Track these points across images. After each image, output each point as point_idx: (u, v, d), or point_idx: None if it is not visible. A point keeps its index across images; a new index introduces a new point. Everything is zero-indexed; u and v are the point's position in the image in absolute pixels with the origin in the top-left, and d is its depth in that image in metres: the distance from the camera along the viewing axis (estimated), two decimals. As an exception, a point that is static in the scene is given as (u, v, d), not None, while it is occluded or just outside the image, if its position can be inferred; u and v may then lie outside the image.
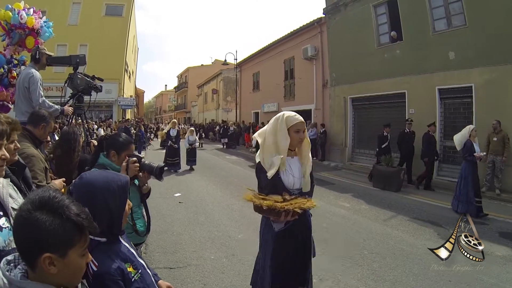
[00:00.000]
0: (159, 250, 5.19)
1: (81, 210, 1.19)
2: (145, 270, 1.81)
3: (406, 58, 12.51)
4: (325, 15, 17.01)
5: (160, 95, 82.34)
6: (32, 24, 5.60)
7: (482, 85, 9.98)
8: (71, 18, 27.09)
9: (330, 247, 5.38)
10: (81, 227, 1.16)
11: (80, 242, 1.17)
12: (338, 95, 16.18)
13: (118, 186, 1.68)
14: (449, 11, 11.03)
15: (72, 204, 1.17)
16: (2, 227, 1.55)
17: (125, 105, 29.97)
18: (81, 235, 1.17)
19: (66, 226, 1.12)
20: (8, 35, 5.78)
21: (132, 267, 1.68)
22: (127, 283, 1.61)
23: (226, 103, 37.36)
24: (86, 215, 1.19)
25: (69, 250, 1.13)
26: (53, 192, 1.19)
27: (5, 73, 5.72)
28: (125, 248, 1.75)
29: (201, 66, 54.57)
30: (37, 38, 5.76)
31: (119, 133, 3.04)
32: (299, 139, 2.76)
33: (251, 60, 27.22)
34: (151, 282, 1.80)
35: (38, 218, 1.09)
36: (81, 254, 1.19)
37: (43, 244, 1.08)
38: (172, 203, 8.10)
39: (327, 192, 9.57)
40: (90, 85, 5.13)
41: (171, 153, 13.26)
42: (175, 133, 13.54)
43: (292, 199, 2.58)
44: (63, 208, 1.13)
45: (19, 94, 4.59)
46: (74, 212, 1.14)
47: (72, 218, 1.13)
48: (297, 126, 2.74)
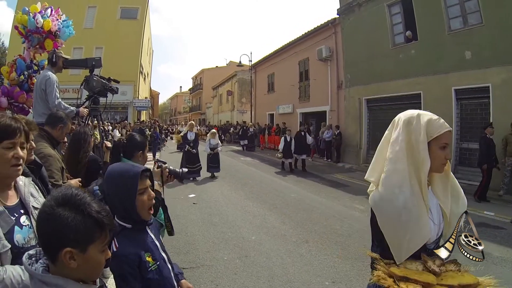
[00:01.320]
0: (172, 250, 5.22)
1: (102, 208, 1.23)
2: (165, 264, 1.87)
3: (421, 58, 12.35)
4: (339, 16, 16.95)
5: (175, 96, 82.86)
6: (49, 27, 5.71)
7: (500, 85, 9.79)
8: (87, 22, 27.54)
9: (344, 250, 5.35)
10: (102, 224, 1.19)
11: (100, 238, 1.20)
12: (353, 96, 16.08)
13: (130, 175, 1.79)
14: (465, 9, 10.85)
15: (93, 202, 1.22)
16: (22, 225, 1.59)
17: (140, 106, 30.30)
18: (101, 232, 1.20)
19: (87, 222, 1.16)
20: (26, 38, 5.91)
21: (151, 257, 1.75)
22: (142, 270, 1.69)
23: (241, 105, 37.45)
24: (107, 213, 1.24)
25: (89, 246, 1.17)
26: (76, 190, 1.24)
27: (25, 79, 5.86)
28: (150, 239, 1.85)
29: (215, 67, 54.79)
30: (55, 40, 5.88)
31: (135, 134, 3.08)
32: (444, 159, 1.71)
33: (265, 61, 27.23)
34: (169, 277, 1.86)
35: (61, 214, 1.14)
36: (101, 250, 1.22)
37: (65, 239, 1.13)
38: (186, 204, 8.15)
39: (341, 194, 9.51)
40: (106, 87, 5.19)
41: (190, 159, 11.68)
42: (193, 136, 11.89)
43: (441, 268, 1.69)
44: (84, 205, 1.18)
45: (37, 96, 4.71)
46: (95, 210, 1.19)
47: (93, 215, 1.17)
48: (445, 137, 1.69)
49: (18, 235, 1.54)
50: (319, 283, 4.24)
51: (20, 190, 1.69)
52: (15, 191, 1.68)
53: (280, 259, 4.97)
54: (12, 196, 1.65)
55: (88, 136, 3.65)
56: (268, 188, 10.15)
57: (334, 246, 5.52)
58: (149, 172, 1.92)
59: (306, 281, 4.29)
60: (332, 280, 4.31)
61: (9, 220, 1.52)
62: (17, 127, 1.60)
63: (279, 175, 13.01)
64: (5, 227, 1.49)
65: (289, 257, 5.04)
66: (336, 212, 7.54)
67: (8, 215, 1.53)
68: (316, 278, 4.38)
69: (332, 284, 4.22)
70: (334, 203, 8.48)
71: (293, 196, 9.09)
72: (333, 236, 5.99)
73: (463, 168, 11.06)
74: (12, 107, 5.86)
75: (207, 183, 11.00)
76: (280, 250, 5.31)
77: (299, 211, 7.61)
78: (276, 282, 4.25)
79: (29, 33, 5.74)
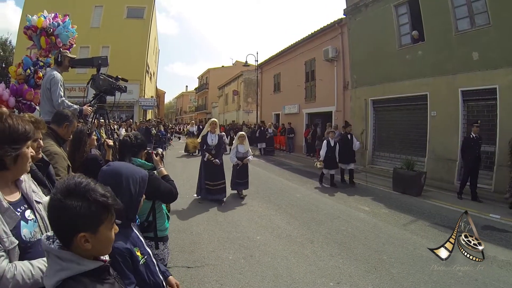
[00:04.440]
0: (177, 249, 5.24)
1: (106, 190, 1.34)
2: (150, 259, 1.96)
3: (428, 59, 12.27)
4: (346, 16, 16.89)
5: (181, 96, 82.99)
6: (41, 24, 5.86)
7: (507, 87, 9.69)
8: (94, 21, 27.71)
9: (349, 251, 5.34)
10: (107, 205, 1.31)
11: (108, 218, 1.32)
12: (359, 97, 16.01)
13: (141, 176, 2.01)
14: (472, 10, 10.76)
15: (96, 186, 1.32)
16: (28, 219, 1.63)
17: (146, 105, 30.39)
18: (108, 213, 1.32)
19: (95, 207, 1.27)
20: (31, 39, 6.06)
21: (139, 252, 1.86)
22: (134, 263, 1.79)
23: (247, 105, 37.48)
24: (110, 193, 1.35)
25: (100, 227, 1.29)
26: (78, 178, 1.32)
27: (31, 74, 5.96)
28: (135, 235, 1.96)
29: (221, 67, 54.93)
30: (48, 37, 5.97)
31: (137, 134, 3.12)
32: None
33: (272, 61, 27.20)
34: (155, 271, 1.95)
35: (70, 205, 1.23)
36: (110, 228, 1.35)
37: (77, 226, 1.24)
38: (191, 203, 8.18)
39: (347, 195, 9.49)
40: (113, 85, 5.21)
41: (211, 172, 8.36)
42: (216, 140, 8.50)
43: None
44: (89, 192, 1.27)
45: (43, 95, 4.79)
46: (100, 193, 1.29)
47: (98, 199, 1.28)
48: None
49: (25, 229, 1.58)
50: (324, 284, 4.24)
51: (21, 186, 1.73)
52: (16, 187, 1.71)
53: (285, 260, 4.97)
54: (14, 192, 1.68)
55: (85, 135, 3.65)
56: (274, 188, 10.14)
57: (339, 247, 5.51)
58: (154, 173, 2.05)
59: (310, 281, 4.29)
60: (336, 281, 4.31)
61: (14, 216, 1.55)
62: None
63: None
64: (11, 223, 1.52)
65: (294, 258, 5.04)
66: (341, 213, 7.52)
67: (13, 210, 1.56)
68: (320, 278, 4.37)
69: (336, 285, 4.21)
70: (339, 203, 8.47)
71: (298, 196, 9.08)
72: (338, 237, 5.98)
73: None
74: (20, 105, 5.93)
75: None
76: (285, 251, 5.31)
77: (304, 211, 7.61)
78: (280, 282, 4.25)
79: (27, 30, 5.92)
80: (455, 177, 10.96)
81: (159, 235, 2.84)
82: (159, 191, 2.75)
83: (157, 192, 2.71)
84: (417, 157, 11.33)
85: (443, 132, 11.54)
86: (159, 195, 2.78)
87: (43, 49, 6.02)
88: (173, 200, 2.96)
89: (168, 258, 3.05)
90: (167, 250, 3.00)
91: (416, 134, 12.47)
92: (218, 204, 8.10)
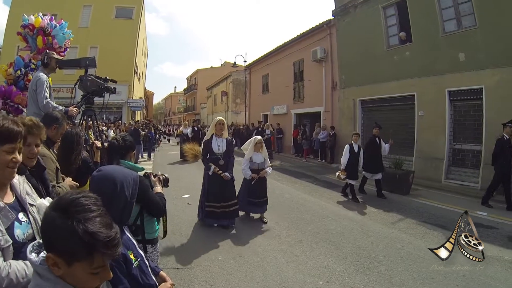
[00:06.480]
0: (167, 250, 5.21)
1: (100, 230, 1.09)
2: (143, 261, 1.94)
3: (415, 60, 12.42)
4: (334, 17, 17.02)
5: (170, 97, 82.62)
6: (39, 24, 5.80)
7: (493, 87, 9.88)
8: (82, 21, 27.43)
9: (338, 250, 5.38)
10: (90, 247, 1.07)
11: (87, 260, 1.09)
12: (347, 97, 16.13)
13: (132, 179, 1.99)
14: (459, 12, 10.94)
15: (97, 218, 1.11)
16: (21, 221, 1.62)
17: (135, 106, 30.21)
18: (88, 255, 1.08)
19: (73, 238, 1.05)
20: (27, 42, 5.99)
21: (133, 254, 1.84)
22: (128, 267, 1.77)
23: (236, 105, 37.39)
24: (107, 237, 1.10)
25: (75, 262, 1.09)
26: (83, 198, 1.15)
27: (21, 76, 5.89)
28: (127, 237, 1.94)
29: (210, 68, 54.79)
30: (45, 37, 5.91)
31: (125, 135, 3.10)
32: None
33: (260, 62, 27.23)
34: (148, 272, 1.94)
35: (52, 219, 1.09)
36: (90, 272, 1.12)
37: (50, 244, 1.11)
38: (180, 204, 8.14)
39: (335, 195, 9.55)
40: (101, 86, 5.15)
41: (219, 191, 6.27)
42: (224, 146, 6.34)
43: None
44: (79, 219, 1.07)
45: (30, 97, 4.75)
46: (89, 230, 1.06)
47: (81, 234, 1.05)
48: None
49: (18, 230, 1.58)
50: (313, 283, 4.25)
51: (16, 188, 1.71)
52: (11, 190, 1.69)
53: (274, 259, 4.98)
54: (8, 194, 1.66)
55: (80, 137, 3.61)
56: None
57: (328, 246, 5.54)
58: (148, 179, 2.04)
59: (300, 280, 4.31)
60: (326, 280, 4.33)
61: (10, 215, 1.55)
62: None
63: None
64: (6, 222, 1.52)
65: (283, 257, 5.06)
66: (330, 212, 7.57)
67: (8, 210, 1.56)
68: (310, 277, 4.39)
69: (326, 284, 4.24)
70: (328, 203, 8.52)
71: (287, 196, 9.09)
72: (327, 236, 6.01)
73: (456, 168, 11.15)
74: (7, 107, 5.86)
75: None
76: (274, 250, 5.32)
77: (293, 211, 7.63)
78: (270, 282, 4.26)
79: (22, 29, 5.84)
80: (442, 175, 11.12)
81: (147, 238, 2.82)
82: (146, 195, 2.70)
83: (144, 196, 2.64)
84: (405, 156, 11.45)
85: (430, 131, 11.69)
86: (146, 200, 2.71)
87: (39, 49, 5.95)
88: (158, 213, 2.88)
89: (157, 260, 3.03)
90: (156, 253, 2.98)
91: (404, 134, 12.59)
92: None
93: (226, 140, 6.42)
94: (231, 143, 6.54)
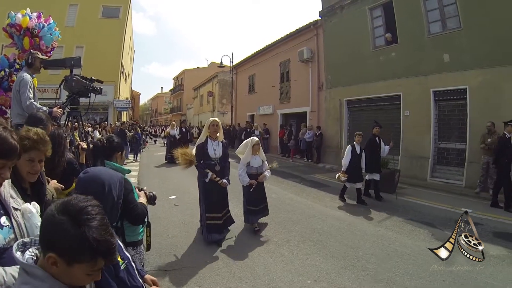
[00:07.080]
0: (154, 252, 5.16)
1: (107, 238, 1.17)
2: (130, 263, 1.92)
3: (401, 61, 12.58)
4: (321, 18, 17.11)
5: (156, 97, 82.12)
6: (26, 24, 5.68)
7: (477, 87, 10.08)
8: (68, 20, 26.97)
9: (325, 249, 5.41)
10: (94, 251, 1.13)
11: (90, 263, 1.15)
12: (334, 97, 16.24)
13: (118, 179, 2.04)
14: (444, 14, 11.13)
15: (100, 226, 1.16)
16: (3, 225, 1.57)
17: (121, 107, 29.90)
18: (91, 259, 1.15)
19: (79, 242, 1.11)
20: (11, 37, 5.87)
21: (120, 257, 1.80)
22: (116, 269, 1.76)
23: (222, 106, 37.33)
24: (107, 243, 1.17)
25: (76, 264, 1.14)
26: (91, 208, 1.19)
27: (5, 76, 5.77)
28: None
29: (197, 68, 54.69)
30: (33, 38, 5.81)
31: (111, 136, 3.06)
32: None
33: (247, 62, 27.21)
34: (135, 274, 1.92)
35: (60, 221, 1.12)
36: (87, 273, 1.18)
37: (53, 245, 1.13)
38: (167, 205, 8.08)
39: (322, 194, 9.59)
40: (87, 87, 5.08)
41: (215, 197, 5.79)
42: (220, 150, 5.79)
43: None
44: (90, 227, 1.13)
45: (13, 97, 4.66)
46: (93, 235, 1.12)
47: (88, 239, 1.11)
48: None
49: None
50: (301, 282, 4.27)
51: (0, 192, 1.66)
52: None
53: (262, 259, 4.99)
54: None
55: (63, 139, 3.50)
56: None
57: (315, 245, 5.56)
58: None
59: (288, 280, 4.32)
60: (314, 279, 4.35)
61: None
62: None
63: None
64: None
65: (271, 257, 5.07)
66: (317, 212, 7.60)
67: None
68: (298, 277, 4.41)
69: (314, 283, 4.26)
70: (315, 203, 8.55)
71: (273, 196, 9.07)
72: (314, 236, 6.04)
73: (441, 167, 11.33)
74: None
75: (190, 186, 9.60)
76: (262, 251, 5.34)
77: (280, 211, 7.64)
78: (258, 282, 4.27)
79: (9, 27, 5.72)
80: (428, 174, 11.29)
81: (128, 240, 2.75)
82: (126, 198, 2.50)
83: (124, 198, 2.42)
84: (391, 156, 11.55)
85: (416, 131, 11.85)
86: (126, 203, 2.53)
87: (24, 49, 5.84)
88: (136, 221, 2.74)
89: (142, 263, 2.96)
90: (139, 256, 2.89)
91: (390, 133, 12.71)
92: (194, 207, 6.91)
93: (222, 143, 5.86)
94: (227, 146, 6.01)
